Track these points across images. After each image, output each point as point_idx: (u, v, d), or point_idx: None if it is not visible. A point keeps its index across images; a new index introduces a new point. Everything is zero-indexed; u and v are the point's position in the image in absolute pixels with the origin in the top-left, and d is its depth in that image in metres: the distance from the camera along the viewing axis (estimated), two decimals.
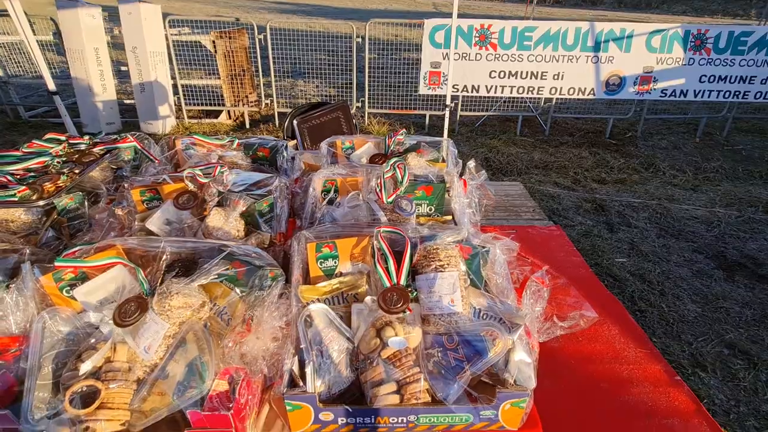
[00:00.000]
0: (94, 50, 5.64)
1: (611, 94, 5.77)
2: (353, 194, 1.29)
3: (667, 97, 5.75)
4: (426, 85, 5.94)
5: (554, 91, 5.84)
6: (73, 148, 1.47)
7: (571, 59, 5.64)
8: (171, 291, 0.89)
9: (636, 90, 5.70)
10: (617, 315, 2.05)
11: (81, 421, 0.77)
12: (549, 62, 5.68)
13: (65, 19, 5.43)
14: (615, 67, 5.63)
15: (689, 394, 1.33)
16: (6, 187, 1.22)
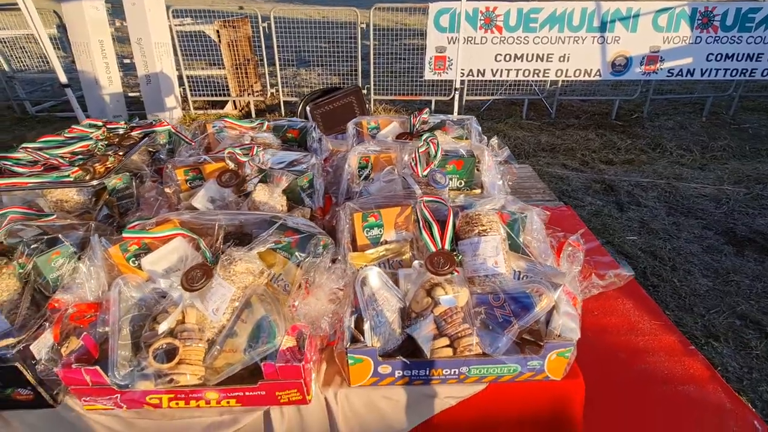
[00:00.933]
0: (99, 43, 5.63)
1: (618, 75, 5.76)
2: (388, 169, 1.34)
3: (674, 76, 5.74)
4: (431, 70, 5.92)
5: (560, 74, 5.82)
6: (112, 132, 1.52)
7: (577, 40, 5.61)
8: (234, 258, 0.95)
9: (642, 70, 5.68)
10: (631, 290, 2.13)
11: (165, 374, 0.84)
12: (555, 44, 5.65)
13: (69, 11, 5.41)
14: (621, 48, 5.60)
15: (703, 362, 1.39)
16: (58, 168, 1.27)
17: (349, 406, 0.98)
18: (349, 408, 0.98)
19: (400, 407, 0.99)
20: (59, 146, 1.40)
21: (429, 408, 1.00)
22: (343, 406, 0.97)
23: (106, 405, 0.91)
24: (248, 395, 0.90)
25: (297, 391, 0.89)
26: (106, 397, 0.88)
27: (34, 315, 0.98)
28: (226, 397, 0.90)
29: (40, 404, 0.91)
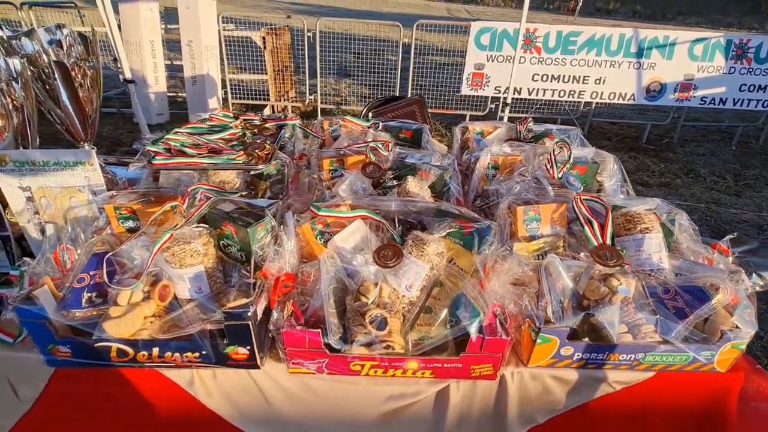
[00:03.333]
0: (150, 43, 5.82)
1: (651, 100, 5.90)
2: (522, 170, 1.42)
3: (707, 104, 5.87)
4: (469, 86, 6.08)
5: (595, 96, 5.97)
6: (248, 122, 1.62)
7: (613, 64, 5.77)
8: (426, 239, 1.02)
9: (676, 97, 5.82)
10: None
11: (381, 341, 0.90)
12: (591, 67, 5.81)
13: (126, 11, 5.62)
14: (656, 74, 5.76)
15: None
16: (220, 152, 1.36)
17: (521, 384, 1.04)
18: (520, 386, 1.04)
19: (565, 388, 1.05)
20: (209, 132, 1.49)
21: (592, 391, 1.06)
22: (518, 383, 1.03)
23: (309, 369, 0.97)
24: (446, 367, 0.96)
25: (492, 366, 0.96)
26: (315, 360, 0.95)
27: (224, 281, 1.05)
28: (425, 368, 0.96)
29: (250, 365, 0.97)
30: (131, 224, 1.12)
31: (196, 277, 1.01)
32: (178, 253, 0.97)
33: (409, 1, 41.41)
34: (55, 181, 1.16)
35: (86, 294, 0.99)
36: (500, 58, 5.92)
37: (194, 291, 1.02)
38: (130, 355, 0.94)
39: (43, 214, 1.21)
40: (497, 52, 5.89)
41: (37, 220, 1.22)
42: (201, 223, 1.06)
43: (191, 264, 0.99)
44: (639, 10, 31.68)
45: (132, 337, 0.92)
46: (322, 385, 1.02)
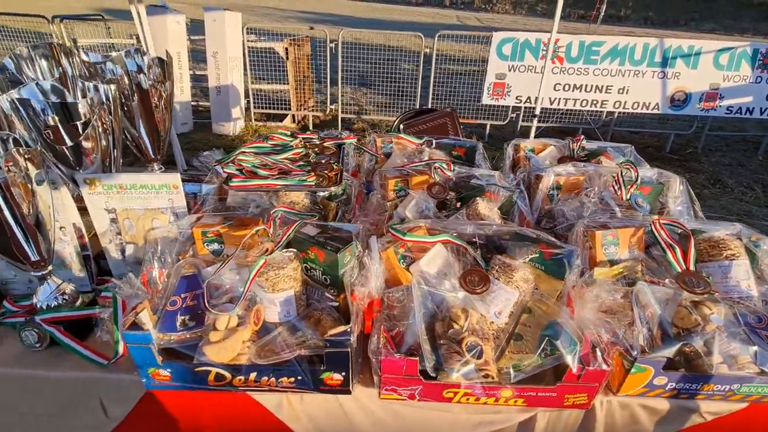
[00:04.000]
0: (176, 54, 5.93)
1: (676, 110, 5.84)
2: (588, 190, 1.42)
3: (733, 114, 5.80)
4: (489, 96, 6.09)
5: (618, 105, 5.94)
6: (308, 142, 1.64)
7: (637, 74, 5.74)
8: (513, 265, 1.02)
9: (701, 107, 5.76)
10: None
11: (480, 369, 0.91)
12: (615, 76, 5.79)
13: (153, 23, 5.72)
14: (681, 83, 5.71)
15: None
16: (289, 173, 1.38)
17: (609, 412, 1.03)
18: (608, 414, 1.03)
19: (654, 417, 1.03)
20: (273, 152, 1.52)
21: (682, 421, 1.04)
22: (606, 411, 1.02)
23: (401, 395, 0.97)
24: (539, 396, 0.95)
25: (586, 395, 0.95)
26: (408, 387, 0.95)
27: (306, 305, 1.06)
28: (518, 396, 0.96)
29: (342, 390, 0.98)
30: (216, 247, 1.14)
31: (287, 301, 1.02)
32: (273, 278, 0.98)
33: (419, 10, 41.75)
34: (139, 204, 1.19)
35: (180, 317, 1.01)
36: (522, 68, 5.93)
37: (283, 315, 1.04)
38: (228, 380, 0.96)
39: (125, 235, 1.23)
40: (519, 62, 5.90)
41: (119, 241, 1.24)
42: (288, 247, 1.08)
43: (283, 288, 1.00)
44: (651, 16, 31.49)
45: (231, 362, 0.93)
46: (411, 411, 1.02)
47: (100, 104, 1.10)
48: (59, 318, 1.06)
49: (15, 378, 1.05)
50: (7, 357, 1.07)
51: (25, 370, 1.05)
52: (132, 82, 1.28)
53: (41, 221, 0.97)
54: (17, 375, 1.05)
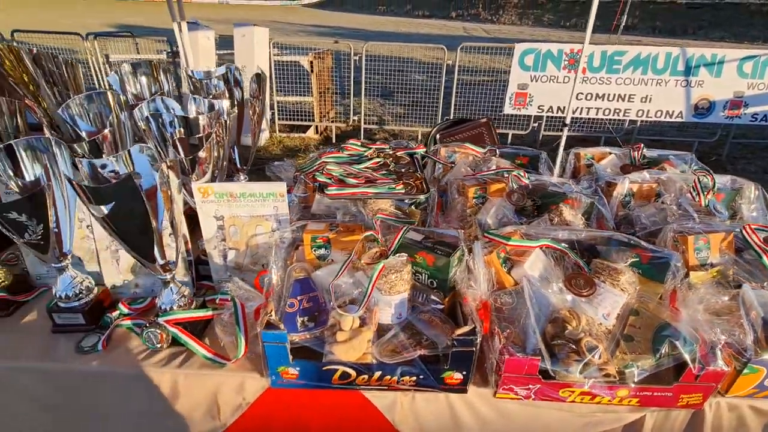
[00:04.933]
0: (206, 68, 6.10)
1: (700, 118, 5.86)
2: (665, 197, 1.46)
3: (758, 121, 5.79)
4: (511, 106, 6.16)
5: (641, 114, 5.97)
6: (382, 152, 1.70)
7: (660, 83, 5.78)
8: (619, 269, 1.06)
9: (726, 114, 5.77)
10: None
11: (601, 368, 0.94)
12: (637, 85, 5.83)
13: (185, 39, 5.93)
14: (705, 92, 5.73)
15: None
16: (374, 181, 1.44)
17: (717, 414, 1.05)
18: (716, 416, 1.05)
19: (763, 418, 1.05)
20: (352, 162, 1.58)
21: None
22: (714, 412, 1.04)
23: (518, 395, 1.01)
24: (654, 395, 0.98)
25: (701, 395, 0.98)
26: (526, 386, 0.98)
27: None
28: (634, 396, 0.99)
29: (460, 389, 1.02)
30: (323, 252, 1.19)
31: (401, 303, 1.07)
32: (392, 281, 1.03)
33: (426, 22, 42.26)
34: (246, 211, 1.25)
35: (299, 318, 1.06)
36: (544, 78, 6.00)
37: (396, 316, 1.08)
38: (352, 378, 1.00)
39: (228, 241, 1.29)
40: (541, 73, 5.98)
41: (222, 247, 1.30)
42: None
43: (399, 291, 1.05)
44: (658, 25, 31.62)
45: (358, 360, 0.98)
46: (519, 410, 1.05)
47: (217, 117, 1.18)
48: (181, 319, 1.12)
49: (132, 377, 1.10)
50: (123, 357, 1.13)
51: (142, 370, 1.11)
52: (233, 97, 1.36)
53: (175, 227, 1.03)
54: (134, 374, 1.10)
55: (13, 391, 1.13)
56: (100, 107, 1.25)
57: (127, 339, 1.17)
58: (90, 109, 1.24)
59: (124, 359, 1.11)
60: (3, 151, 1.01)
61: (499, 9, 44.34)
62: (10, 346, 1.15)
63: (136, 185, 0.86)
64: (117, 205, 0.88)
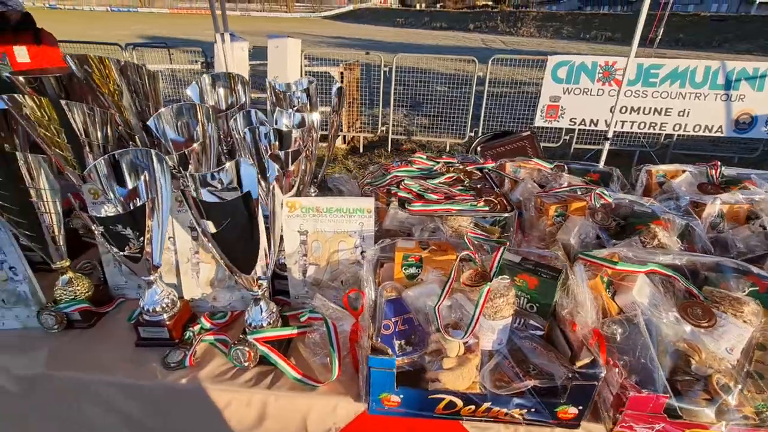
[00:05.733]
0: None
1: (741, 133, 5.67)
2: (765, 219, 1.37)
3: None
4: (543, 118, 6.09)
5: (678, 128, 5.82)
6: (451, 166, 1.66)
7: (698, 96, 5.64)
8: (742, 299, 0.99)
9: None
10: None
11: (737, 409, 0.86)
12: (675, 99, 5.70)
13: (220, 50, 6.07)
14: (746, 106, 5.56)
15: None
16: (452, 197, 1.39)
17: None
18: None
19: None
20: (423, 176, 1.55)
21: None
22: None
23: None
24: None
25: None
26: (649, 425, 0.91)
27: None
28: None
29: (573, 424, 0.95)
30: (413, 271, 1.15)
31: (504, 328, 1.01)
32: (499, 305, 0.98)
33: (445, 34, 42.60)
34: (330, 226, 1.22)
35: (396, 341, 1.02)
36: (577, 90, 5.92)
37: (497, 342, 1.03)
38: (457, 408, 0.94)
39: (310, 257, 1.26)
40: (574, 85, 5.90)
41: (303, 262, 1.28)
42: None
43: (503, 316, 1.00)
44: (682, 38, 31.17)
45: (468, 390, 0.92)
46: None
47: (308, 131, 1.16)
48: (271, 338, 1.09)
49: (220, 396, 1.07)
50: (210, 374, 1.10)
51: (230, 389, 1.07)
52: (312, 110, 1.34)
53: (273, 243, 1.00)
54: (222, 393, 1.07)
55: (98, 405, 1.11)
56: (188, 119, 1.24)
57: (211, 355, 1.15)
58: (178, 120, 1.24)
59: (211, 377, 1.08)
60: (107, 162, 1.01)
61: (518, 21, 44.44)
62: (95, 359, 1.13)
63: (252, 201, 0.84)
64: (232, 220, 0.85)
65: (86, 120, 1.18)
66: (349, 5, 68.17)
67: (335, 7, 67.93)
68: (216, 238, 0.92)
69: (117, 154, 1.02)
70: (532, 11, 49.00)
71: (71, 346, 1.16)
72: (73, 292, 1.21)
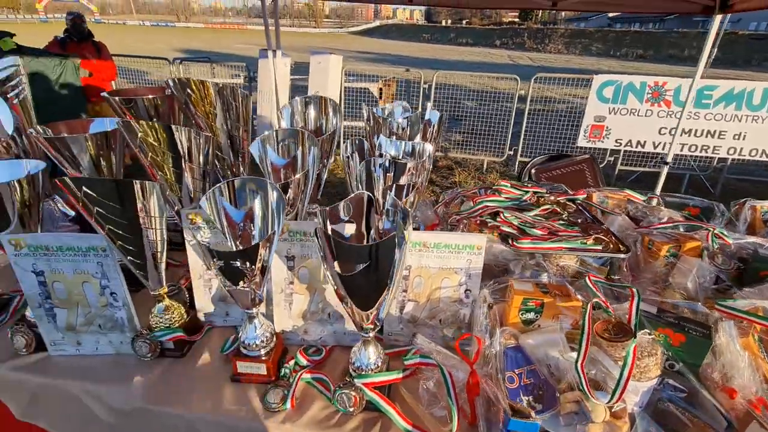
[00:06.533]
0: (283, 93, 6.34)
1: None
2: None
3: None
4: (586, 138, 5.91)
5: (733, 152, 5.53)
6: (541, 197, 1.57)
7: (756, 119, 5.36)
8: None
9: None
10: None
11: None
12: (730, 121, 5.44)
13: (264, 65, 6.22)
14: None
15: None
16: (556, 233, 1.30)
17: None
18: None
19: None
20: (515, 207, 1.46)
21: None
22: None
23: None
24: None
25: None
26: None
27: None
28: None
29: None
30: (531, 316, 1.06)
31: (649, 390, 0.91)
32: (647, 365, 0.88)
33: (471, 50, 42.76)
34: (436, 263, 1.15)
35: (523, 398, 0.92)
36: (624, 110, 5.74)
37: (638, 405, 0.92)
38: None
39: (410, 292, 1.19)
40: (621, 105, 5.72)
41: (402, 297, 1.20)
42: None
43: (650, 378, 0.89)
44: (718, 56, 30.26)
45: None
46: None
47: (422, 161, 1.10)
48: (380, 383, 1.01)
49: None
50: (312, 418, 1.02)
51: None
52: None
53: (395, 282, 0.93)
54: None
55: None
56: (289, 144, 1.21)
57: (310, 396, 1.08)
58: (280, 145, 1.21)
59: (315, 421, 1.01)
60: (222, 189, 0.97)
61: (545, 38, 44.23)
62: (192, 393, 1.08)
63: (397, 243, 0.78)
64: (372, 261, 0.79)
65: (191, 143, 1.17)
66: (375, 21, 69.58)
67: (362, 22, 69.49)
68: (346, 278, 0.86)
69: (235, 182, 0.98)
70: (560, 28, 48.78)
71: (166, 377, 1.12)
72: (168, 319, 1.17)
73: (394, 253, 0.82)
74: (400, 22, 65.84)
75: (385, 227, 0.91)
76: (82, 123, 1.33)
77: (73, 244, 1.05)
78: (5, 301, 1.35)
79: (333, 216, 0.90)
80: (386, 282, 0.87)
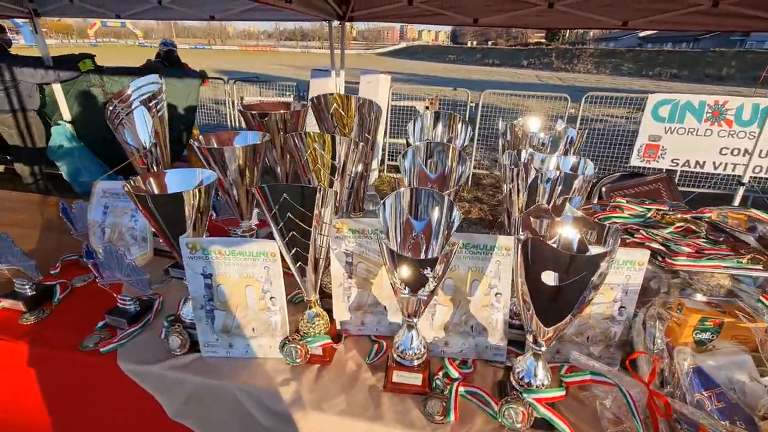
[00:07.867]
0: None
1: None
2: None
3: None
4: (640, 158, 5.77)
5: None
6: (665, 214, 1.53)
7: None
8: None
9: None
10: None
11: None
12: None
13: (317, 85, 6.45)
14: None
15: None
16: (702, 252, 1.26)
17: None
18: None
19: None
20: (644, 225, 1.43)
21: None
22: None
23: None
24: None
25: None
26: None
27: None
28: None
29: None
30: (707, 336, 1.02)
31: None
32: None
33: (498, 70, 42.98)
34: None
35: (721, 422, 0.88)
36: (681, 130, 5.59)
37: None
38: None
39: None
40: (678, 124, 5.58)
41: None
42: None
43: None
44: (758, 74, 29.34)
45: None
46: None
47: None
48: (550, 399, 0.99)
49: None
50: (478, 431, 1.01)
51: None
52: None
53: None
54: None
55: None
56: (437, 159, 1.24)
57: (466, 408, 1.06)
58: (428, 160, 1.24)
59: None
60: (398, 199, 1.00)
61: (574, 58, 43.97)
62: (351, 402, 1.08)
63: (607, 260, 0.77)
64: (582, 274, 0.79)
65: (348, 154, 1.21)
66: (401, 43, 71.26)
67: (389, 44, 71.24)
68: (533, 288, 0.86)
69: (411, 192, 1.01)
70: (589, 48, 48.52)
71: (320, 383, 1.13)
72: (318, 326, 1.19)
73: (599, 267, 0.81)
74: (426, 44, 67.09)
75: (584, 242, 0.91)
76: (228, 135, 1.41)
77: (244, 249, 1.10)
78: (147, 304, 1.41)
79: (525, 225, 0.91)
80: (580, 297, 0.86)
